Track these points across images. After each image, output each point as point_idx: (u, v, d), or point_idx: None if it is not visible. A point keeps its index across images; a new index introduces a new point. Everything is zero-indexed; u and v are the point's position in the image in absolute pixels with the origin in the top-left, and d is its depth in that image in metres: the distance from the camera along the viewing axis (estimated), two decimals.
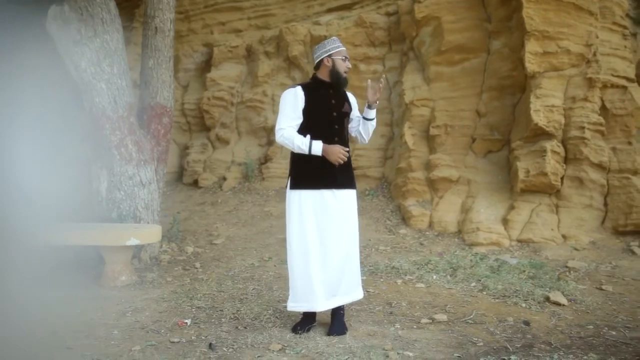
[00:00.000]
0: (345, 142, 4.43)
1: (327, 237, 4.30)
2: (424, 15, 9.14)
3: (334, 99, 4.40)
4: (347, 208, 4.36)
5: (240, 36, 11.92)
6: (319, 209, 4.31)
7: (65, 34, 6.92)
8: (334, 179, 4.32)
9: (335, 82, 4.40)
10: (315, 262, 4.30)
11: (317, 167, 4.31)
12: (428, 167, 8.67)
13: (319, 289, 4.30)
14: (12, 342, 4.27)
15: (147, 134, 7.44)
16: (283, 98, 4.39)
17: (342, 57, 4.39)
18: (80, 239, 6.33)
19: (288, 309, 4.46)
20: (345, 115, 4.45)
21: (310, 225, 4.30)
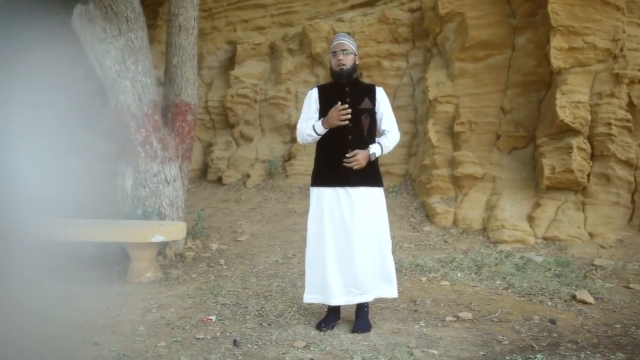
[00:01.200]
0: (364, 139, 4.36)
1: (343, 234, 4.31)
2: (447, 11, 9.07)
3: (350, 96, 4.37)
4: (364, 206, 4.32)
5: (264, 33, 11.94)
6: (334, 206, 4.34)
7: (91, 32, 6.99)
8: (348, 178, 4.31)
9: (334, 79, 4.44)
10: (331, 257, 4.32)
11: (331, 165, 4.35)
12: (452, 164, 8.62)
13: (334, 283, 4.32)
14: (38, 337, 4.32)
15: (171, 132, 7.48)
16: (304, 100, 4.57)
17: (332, 53, 4.40)
18: (105, 235, 6.39)
19: (304, 301, 4.50)
20: (364, 111, 4.38)
21: (327, 221, 4.34)
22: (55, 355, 3.96)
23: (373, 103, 4.42)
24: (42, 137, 14.17)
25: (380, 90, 4.49)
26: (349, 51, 4.38)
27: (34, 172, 12.00)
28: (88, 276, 6.48)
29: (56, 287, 5.97)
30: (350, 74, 4.39)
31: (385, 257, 4.43)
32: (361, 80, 4.61)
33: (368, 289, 4.36)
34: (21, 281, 6.29)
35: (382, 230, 4.42)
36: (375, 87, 4.50)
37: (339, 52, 4.35)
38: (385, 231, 4.43)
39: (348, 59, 4.36)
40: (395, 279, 4.51)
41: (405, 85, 10.19)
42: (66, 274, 6.58)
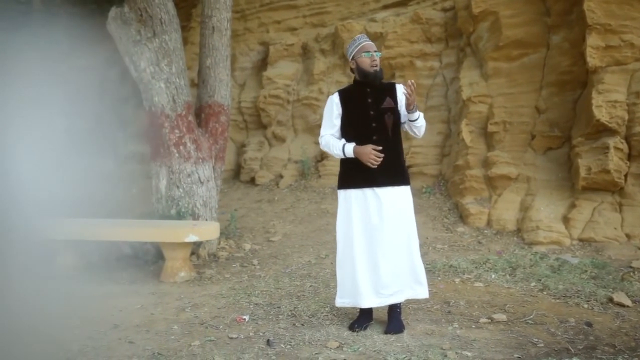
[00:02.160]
0: (388, 138, 4.34)
1: (372, 236, 4.30)
2: (481, 10, 9.00)
3: (372, 97, 4.36)
4: (392, 206, 4.30)
5: (296, 34, 11.96)
6: (363, 208, 4.33)
7: (125, 34, 7.07)
8: (374, 178, 4.29)
9: (366, 81, 4.39)
10: (360, 260, 4.32)
11: (358, 166, 4.33)
12: (486, 164, 8.54)
13: (364, 286, 4.31)
14: (76, 335, 4.39)
15: (205, 132, 7.54)
16: (325, 106, 4.57)
17: (365, 53, 4.36)
18: (140, 235, 6.47)
19: (336, 305, 4.51)
20: (387, 111, 4.36)
21: (355, 223, 4.34)
22: (92, 352, 4.02)
23: (395, 101, 4.40)
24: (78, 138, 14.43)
25: (400, 87, 4.45)
26: (379, 52, 4.40)
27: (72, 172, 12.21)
28: (123, 275, 6.57)
29: (92, 286, 6.06)
30: (382, 75, 4.41)
31: (414, 257, 4.40)
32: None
33: (398, 290, 4.34)
34: (59, 280, 6.40)
35: (411, 229, 4.39)
36: (395, 85, 4.48)
37: (372, 52, 4.34)
38: (413, 230, 4.41)
39: (379, 60, 4.38)
40: (425, 280, 4.48)
41: (438, 85, 10.13)
42: (102, 273, 6.69)
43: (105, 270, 6.86)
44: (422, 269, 4.45)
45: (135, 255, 7.28)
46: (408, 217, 4.38)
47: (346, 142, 4.35)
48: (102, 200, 11.45)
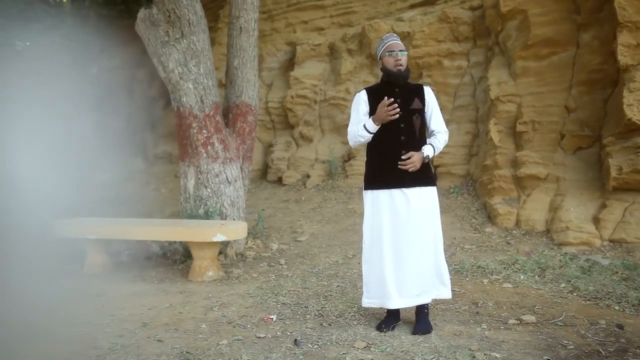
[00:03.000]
0: (416, 139, 4.32)
1: (400, 236, 4.28)
2: (509, 9, 8.92)
3: (400, 97, 4.33)
4: (420, 206, 4.28)
5: (323, 34, 11.97)
6: (390, 209, 4.32)
7: (154, 35, 7.13)
8: (402, 179, 4.28)
9: (390, 80, 4.38)
10: (388, 261, 4.31)
11: (385, 167, 4.33)
12: (515, 164, 8.47)
13: (392, 287, 4.30)
14: (106, 333, 4.44)
15: (232, 133, 7.58)
16: (352, 103, 4.56)
17: (388, 53, 4.34)
18: (168, 234, 6.52)
19: (363, 305, 4.50)
20: (415, 112, 4.34)
21: (383, 224, 4.33)
22: (122, 351, 4.06)
23: (423, 103, 4.39)
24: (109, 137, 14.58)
25: (428, 89, 4.45)
26: (405, 51, 4.36)
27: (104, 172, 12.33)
28: (152, 274, 6.63)
29: (122, 285, 6.13)
30: (407, 74, 4.37)
31: (439, 258, 4.40)
32: (408, 81, 4.52)
33: (424, 291, 4.32)
34: (89, 278, 6.48)
35: (436, 230, 4.38)
36: (424, 87, 4.46)
37: (397, 52, 4.31)
38: (439, 231, 4.40)
39: (404, 59, 4.34)
40: (449, 281, 4.47)
41: (466, 85, 10.07)
42: (132, 271, 6.76)
43: (134, 269, 6.93)
44: (447, 270, 4.45)
45: (164, 255, 7.34)
46: (434, 218, 4.36)
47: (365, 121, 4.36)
48: (132, 200, 11.57)
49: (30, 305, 5.29)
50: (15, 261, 7.27)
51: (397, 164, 4.26)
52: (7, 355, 4.04)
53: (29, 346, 4.20)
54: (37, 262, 7.33)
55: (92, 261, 6.77)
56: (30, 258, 7.54)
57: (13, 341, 4.32)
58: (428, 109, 4.41)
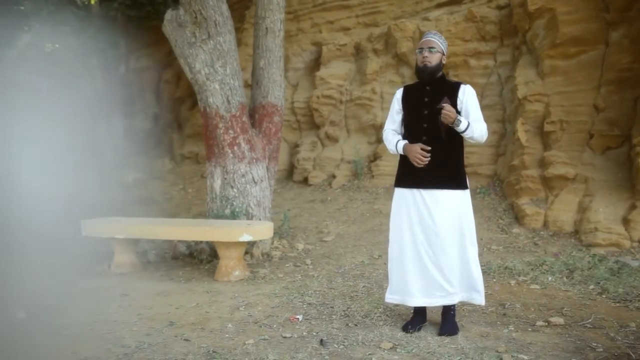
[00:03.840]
0: (440, 139, 4.23)
1: (419, 236, 4.28)
2: (537, 7, 8.84)
3: (429, 96, 4.29)
4: (439, 208, 4.23)
5: (349, 34, 11.96)
6: (410, 208, 4.32)
7: (181, 36, 7.17)
8: (423, 179, 4.26)
9: (418, 77, 4.37)
10: (409, 259, 4.32)
11: (408, 165, 4.32)
12: (542, 164, 8.38)
13: (413, 285, 4.31)
14: (132, 331, 4.48)
15: (258, 133, 7.61)
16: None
17: (419, 49, 4.31)
18: (195, 234, 6.55)
19: (385, 301, 4.52)
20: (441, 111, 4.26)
21: (403, 223, 4.34)
22: (149, 349, 4.09)
23: (454, 102, 4.25)
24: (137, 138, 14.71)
25: (465, 88, 4.29)
26: (435, 49, 4.26)
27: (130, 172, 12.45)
28: (179, 274, 6.67)
29: (149, 284, 6.18)
30: (433, 72, 4.27)
31: (471, 263, 4.32)
32: (448, 79, 4.46)
33: (449, 292, 4.28)
34: (117, 277, 6.54)
35: (467, 234, 4.30)
36: (461, 86, 4.31)
37: (425, 49, 4.25)
38: (469, 236, 4.31)
39: (434, 57, 4.25)
40: (483, 287, 4.40)
41: (493, 84, 9.99)
42: (159, 271, 6.82)
43: (161, 268, 6.99)
44: (480, 277, 4.38)
45: (191, 254, 7.39)
46: (461, 222, 4.28)
47: (401, 139, 4.37)
48: (159, 200, 11.66)
49: (58, 304, 5.36)
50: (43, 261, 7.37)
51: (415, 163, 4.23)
52: (35, 354, 4.09)
53: (56, 344, 4.25)
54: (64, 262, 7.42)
55: (119, 260, 6.83)
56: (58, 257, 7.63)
57: (40, 339, 4.38)
58: (462, 108, 4.26)
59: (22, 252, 7.88)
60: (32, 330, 4.58)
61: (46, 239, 9.19)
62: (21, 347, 4.22)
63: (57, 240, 9.05)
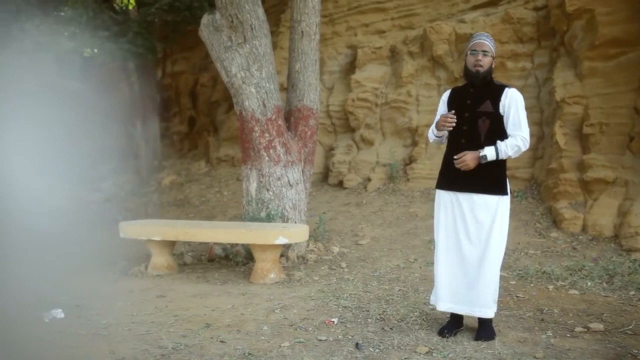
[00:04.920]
0: (480, 144, 4.16)
1: (453, 240, 4.27)
2: (575, 8, 8.71)
3: (471, 99, 4.24)
4: (474, 214, 4.18)
5: (384, 37, 11.92)
6: (446, 211, 4.32)
7: (217, 40, 7.23)
8: (456, 182, 4.23)
9: (468, 80, 4.32)
10: (441, 262, 4.32)
11: (449, 167, 4.29)
12: (581, 167, 8.25)
13: (442, 288, 4.32)
14: (169, 332, 4.52)
15: (294, 136, 7.63)
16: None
17: (470, 51, 4.23)
18: (231, 236, 6.59)
19: (431, 302, 4.53)
20: (483, 115, 4.18)
21: (441, 225, 4.34)
22: (185, 350, 4.13)
23: (496, 106, 4.17)
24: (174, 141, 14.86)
25: (510, 92, 4.19)
26: (489, 53, 4.19)
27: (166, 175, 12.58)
28: (215, 276, 6.72)
29: (186, 286, 6.23)
30: (485, 76, 4.20)
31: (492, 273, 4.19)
32: (495, 82, 4.33)
33: (472, 304, 4.21)
34: (153, 279, 6.61)
35: (493, 243, 4.17)
36: (505, 89, 4.22)
37: (479, 52, 4.17)
38: (497, 245, 4.18)
39: (486, 60, 4.18)
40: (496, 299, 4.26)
41: (531, 87, 9.87)
42: (195, 273, 6.87)
43: (197, 270, 7.04)
44: (496, 287, 4.24)
45: (227, 257, 7.44)
46: (491, 230, 4.17)
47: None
48: (195, 203, 11.76)
49: (97, 305, 5.44)
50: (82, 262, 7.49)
51: (451, 164, 4.23)
52: (73, 354, 4.15)
53: (94, 344, 4.31)
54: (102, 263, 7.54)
55: (156, 262, 6.89)
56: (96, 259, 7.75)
57: (79, 339, 4.44)
58: (505, 112, 4.17)
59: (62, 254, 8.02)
60: (71, 331, 4.65)
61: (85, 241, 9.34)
62: (60, 347, 4.29)
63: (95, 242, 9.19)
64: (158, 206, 12.35)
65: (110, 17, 12.88)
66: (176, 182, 13.40)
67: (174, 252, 7.17)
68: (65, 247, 8.74)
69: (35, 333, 4.60)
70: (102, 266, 7.37)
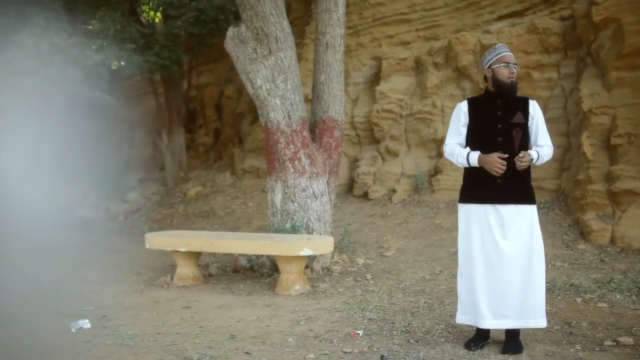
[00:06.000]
0: (514, 153, 4.15)
1: (491, 254, 4.17)
2: (602, 18, 8.65)
3: (501, 110, 4.23)
4: (514, 225, 4.15)
5: (409, 48, 11.92)
6: (482, 225, 4.21)
7: (242, 52, 7.28)
8: (497, 193, 4.17)
9: (500, 92, 4.26)
10: (480, 280, 4.20)
11: (480, 180, 4.22)
12: (609, 178, 8.16)
13: (484, 306, 4.18)
14: (194, 343, 4.53)
15: (319, 147, 7.64)
16: (453, 113, 4.47)
17: (503, 64, 4.21)
18: (256, 248, 6.60)
19: (457, 321, 4.42)
20: (515, 126, 4.21)
21: (474, 240, 4.23)
22: None
23: (526, 117, 4.24)
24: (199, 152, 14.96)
25: (533, 103, 4.30)
26: (517, 65, 4.28)
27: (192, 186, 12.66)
28: (240, 287, 6.73)
29: (211, 297, 6.25)
30: (517, 88, 4.28)
31: (539, 283, 4.18)
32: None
33: (522, 316, 4.16)
34: (178, 289, 6.64)
35: (535, 252, 4.17)
36: (529, 100, 4.31)
37: (512, 65, 4.21)
38: (538, 254, 4.18)
39: (516, 73, 4.26)
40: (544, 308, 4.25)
41: (557, 97, 9.80)
42: (220, 284, 6.89)
43: (223, 281, 7.06)
44: (544, 297, 4.23)
45: (252, 268, 7.46)
46: (531, 239, 4.17)
47: (471, 151, 4.25)
48: (220, 214, 11.82)
49: (123, 316, 5.47)
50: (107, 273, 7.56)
51: (494, 178, 4.14)
52: None
53: (121, 355, 4.34)
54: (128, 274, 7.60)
55: (181, 273, 6.93)
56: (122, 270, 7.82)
57: (105, 350, 4.47)
58: (533, 123, 4.27)
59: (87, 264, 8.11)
60: (98, 341, 4.69)
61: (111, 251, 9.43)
62: (86, 357, 4.32)
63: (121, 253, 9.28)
64: (183, 217, 12.43)
65: (137, 30, 13.04)
66: (201, 194, 13.48)
67: (199, 263, 7.20)
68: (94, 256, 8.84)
69: (62, 343, 4.64)
70: (128, 276, 7.43)
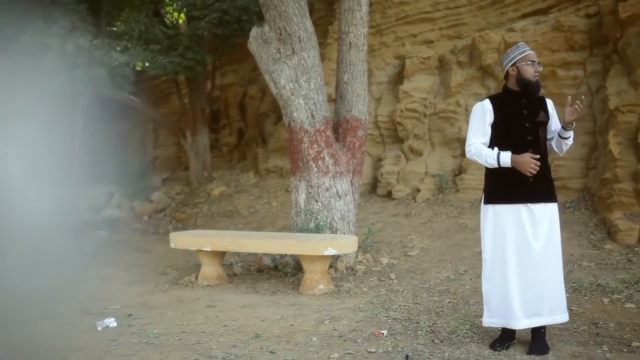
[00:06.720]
0: (541, 153, 4.17)
1: (525, 254, 4.12)
2: (629, 15, 8.54)
3: (527, 109, 4.21)
4: (545, 223, 4.14)
5: (432, 47, 11.87)
6: (515, 225, 4.16)
7: (266, 52, 7.30)
8: (528, 192, 4.13)
9: (524, 91, 4.23)
10: (513, 280, 4.15)
11: (510, 179, 4.16)
12: (636, 177, 8.05)
13: (517, 307, 4.13)
14: (219, 342, 4.55)
15: (342, 147, 7.63)
16: (472, 113, 4.39)
17: (529, 62, 4.18)
18: (280, 247, 6.61)
19: (484, 325, 4.35)
20: (541, 124, 4.23)
21: (507, 241, 4.17)
22: None
23: (547, 116, 4.28)
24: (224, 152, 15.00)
25: (550, 102, 4.37)
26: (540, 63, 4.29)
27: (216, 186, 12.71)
28: (264, 286, 6.75)
29: (236, 296, 6.28)
30: (540, 86, 4.30)
31: (561, 279, 4.22)
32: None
33: (550, 312, 4.14)
34: (203, 289, 6.68)
35: (559, 249, 4.21)
36: (545, 99, 4.37)
37: (537, 63, 4.20)
38: (558, 248, 4.22)
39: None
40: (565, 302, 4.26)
41: (583, 95, 9.69)
42: (245, 283, 6.92)
43: (247, 280, 7.09)
44: (564, 290, 4.24)
45: (276, 267, 7.47)
46: (557, 237, 4.20)
47: (500, 151, 4.17)
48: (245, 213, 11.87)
49: (148, 315, 5.52)
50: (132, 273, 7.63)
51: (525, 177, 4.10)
52: None
53: (146, 354, 4.37)
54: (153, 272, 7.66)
55: (206, 272, 6.96)
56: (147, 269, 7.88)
57: (131, 348, 4.51)
58: (552, 121, 4.31)
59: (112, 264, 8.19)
60: (123, 339, 4.73)
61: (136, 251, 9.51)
62: (112, 355, 4.36)
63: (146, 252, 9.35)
64: (208, 217, 12.50)
65: (162, 32, 13.14)
66: (225, 193, 13.54)
67: (223, 262, 7.23)
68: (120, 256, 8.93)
69: (89, 342, 4.69)
70: (153, 276, 7.49)
